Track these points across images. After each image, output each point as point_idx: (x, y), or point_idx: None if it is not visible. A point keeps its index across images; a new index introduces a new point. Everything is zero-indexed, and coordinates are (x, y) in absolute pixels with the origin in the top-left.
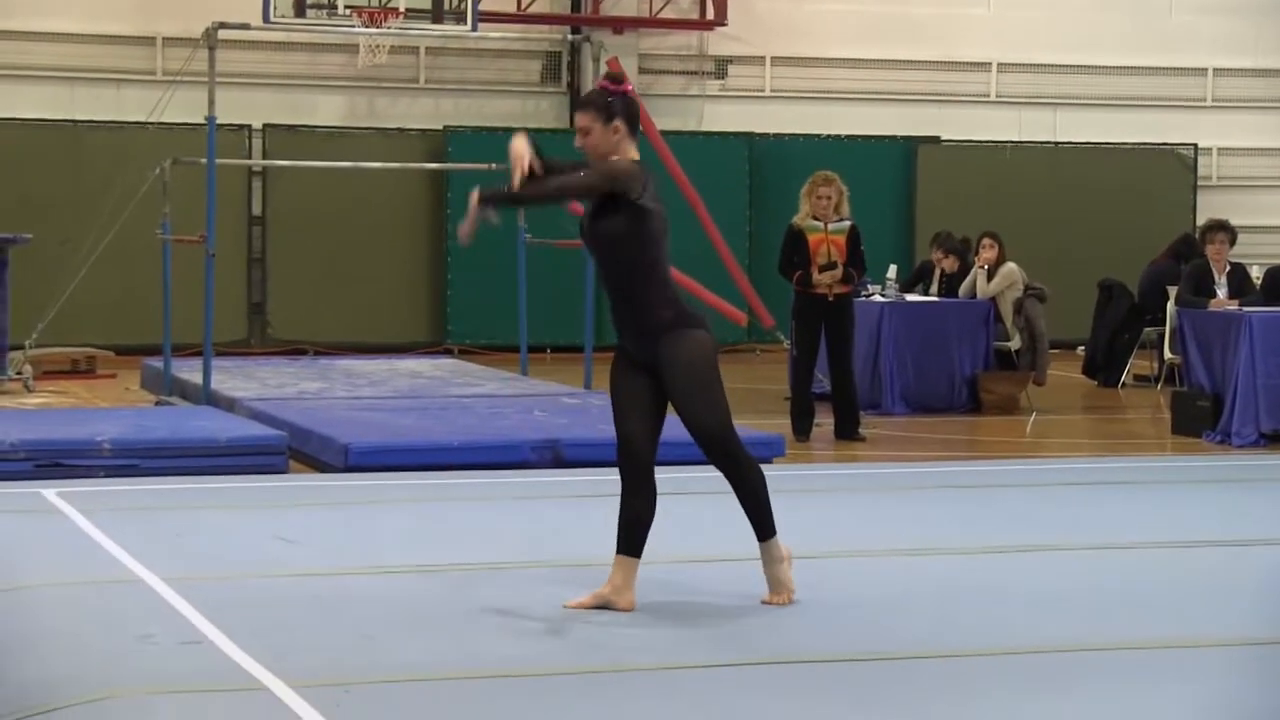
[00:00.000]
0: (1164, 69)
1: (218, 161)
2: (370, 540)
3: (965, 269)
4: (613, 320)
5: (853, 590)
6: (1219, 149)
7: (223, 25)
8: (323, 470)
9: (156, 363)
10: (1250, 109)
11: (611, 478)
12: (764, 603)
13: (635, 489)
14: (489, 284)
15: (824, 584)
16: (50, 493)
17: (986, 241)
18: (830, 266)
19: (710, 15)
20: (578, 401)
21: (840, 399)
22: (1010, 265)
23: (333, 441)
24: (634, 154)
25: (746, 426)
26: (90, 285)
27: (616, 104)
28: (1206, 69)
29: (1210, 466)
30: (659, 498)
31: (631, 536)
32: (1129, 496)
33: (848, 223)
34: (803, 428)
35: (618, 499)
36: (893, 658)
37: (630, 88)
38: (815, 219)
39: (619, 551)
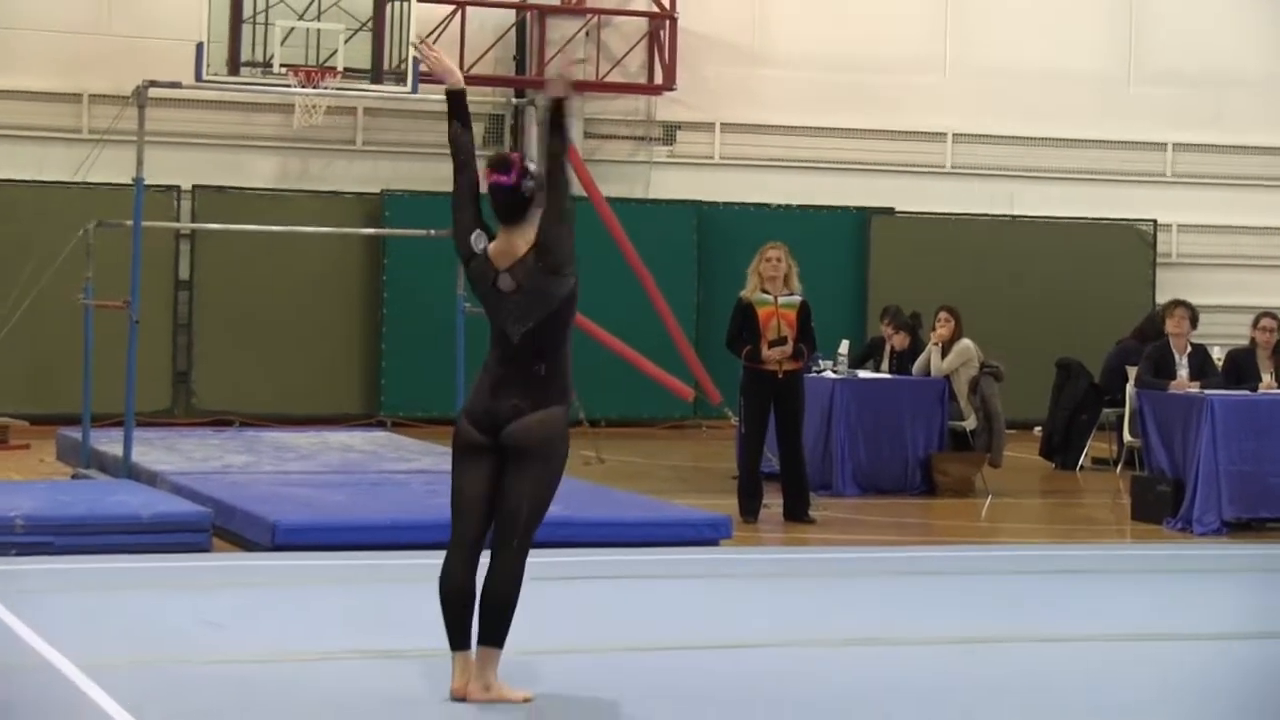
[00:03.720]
0: (1123, 142)
1: (144, 224)
2: (299, 624)
3: (916, 345)
4: (488, 384)
5: (797, 686)
6: (1179, 225)
7: (153, 84)
8: (249, 549)
9: (74, 433)
10: (1211, 185)
11: (556, 559)
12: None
13: (460, 610)
14: (425, 354)
15: (767, 677)
16: None
17: (942, 316)
18: (780, 342)
19: (658, 80)
20: None
21: (790, 479)
22: (966, 342)
23: (259, 519)
24: None
25: (691, 506)
26: (5, 351)
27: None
28: (1166, 143)
29: (1170, 555)
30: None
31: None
32: (1085, 586)
33: (798, 298)
34: (750, 508)
35: (563, 581)
36: None
37: (511, 177)
38: (765, 291)
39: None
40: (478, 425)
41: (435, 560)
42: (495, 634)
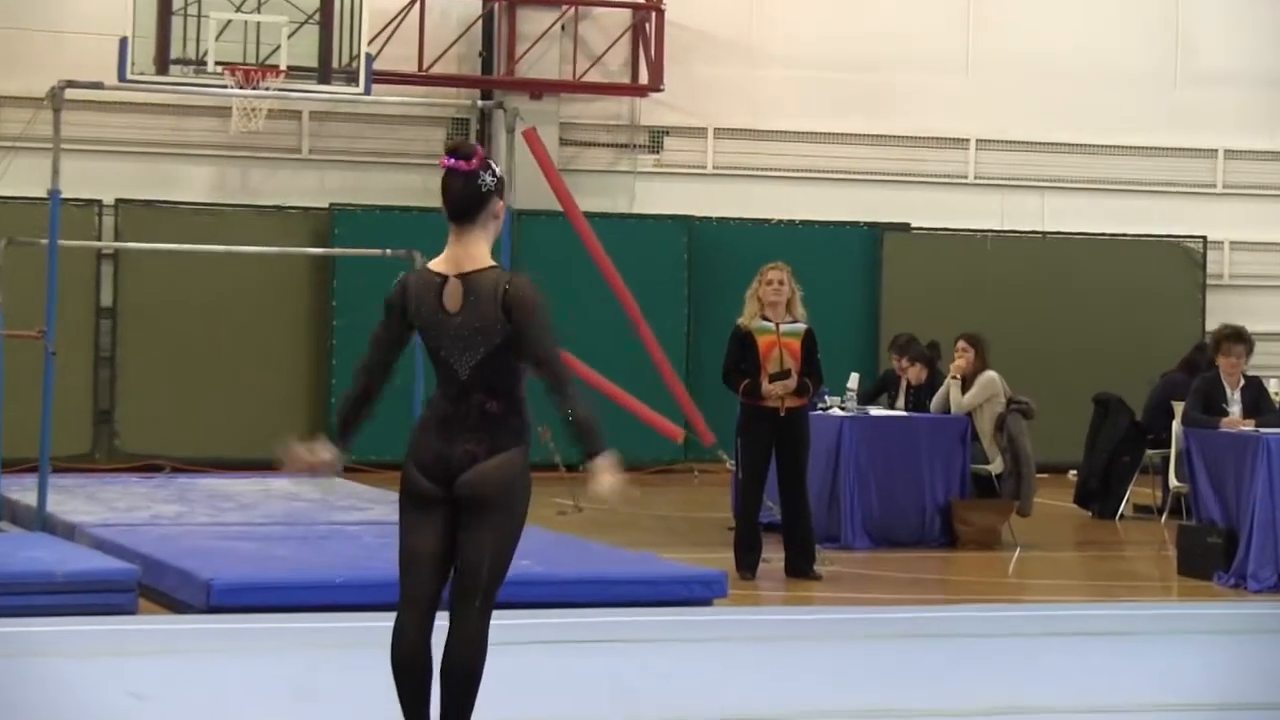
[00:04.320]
0: (1168, 150)
1: (61, 242)
2: (237, 697)
3: (935, 379)
4: (435, 426)
5: None
6: (1231, 242)
7: (70, 84)
8: (180, 611)
9: None
10: (1267, 197)
11: (528, 622)
12: None
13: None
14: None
15: None
16: None
17: (961, 345)
18: (783, 375)
19: (644, 79)
20: None
21: (792, 530)
22: (990, 374)
23: (193, 576)
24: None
25: (682, 561)
26: None
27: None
28: (1217, 150)
29: (1222, 615)
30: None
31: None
32: (1126, 649)
33: (803, 325)
34: (748, 563)
35: (536, 647)
36: None
37: (471, 164)
38: (765, 319)
39: None
40: (427, 473)
41: (390, 624)
42: (459, 710)
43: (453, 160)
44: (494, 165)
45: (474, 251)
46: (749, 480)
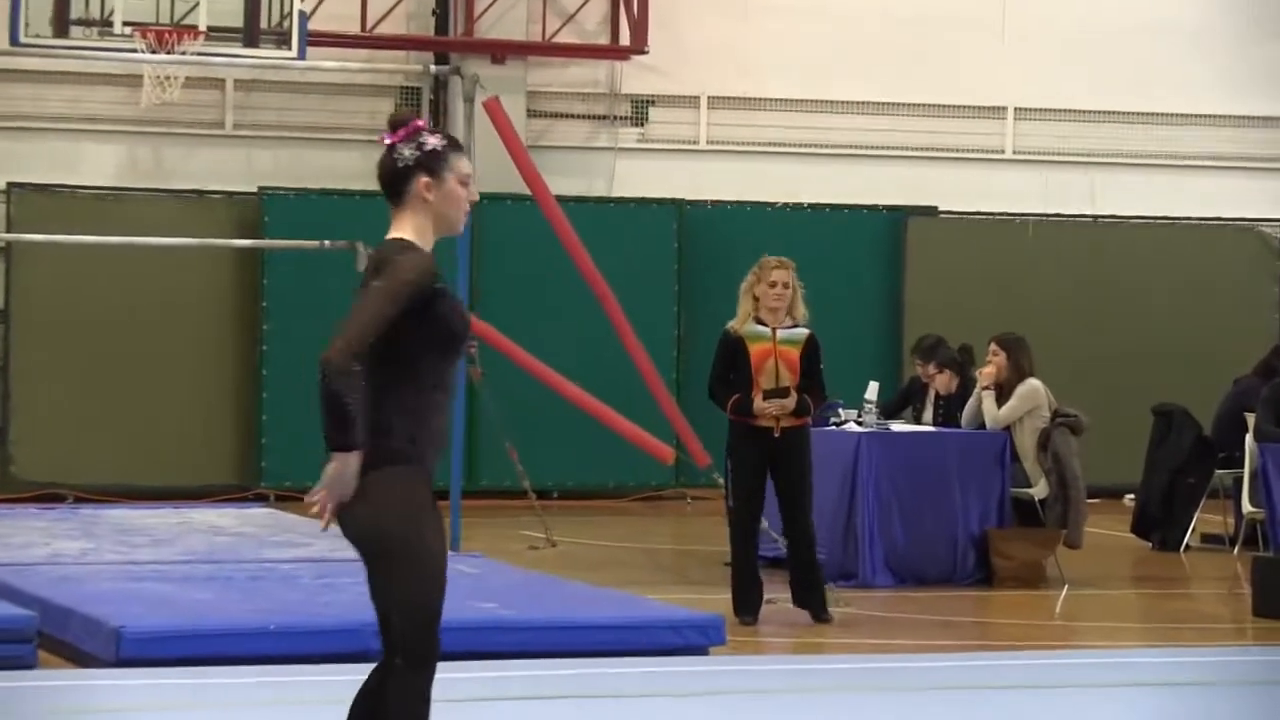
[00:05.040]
0: (1240, 118)
1: None
2: None
3: (967, 388)
4: (434, 437)
5: None
6: None
7: None
8: (86, 664)
9: None
10: None
11: (496, 675)
12: None
13: None
14: (317, 409)
15: None
16: None
17: (993, 349)
18: (780, 393)
19: (625, 40)
20: None
21: (798, 566)
22: (1032, 383)
23: (100, 624)
24: None
25: (673, 603)
26: None
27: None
28: None
29: None
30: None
31: None
32: (1195, 701)
33: (804, 331)
34: (748, 605)
35: (507, 704)
36: None
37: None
38: (760, 323)
39: None
40: None
41: (333, 678)
42: None
43: (383, 133)
44: (428, 139)
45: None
46: (741, 509)
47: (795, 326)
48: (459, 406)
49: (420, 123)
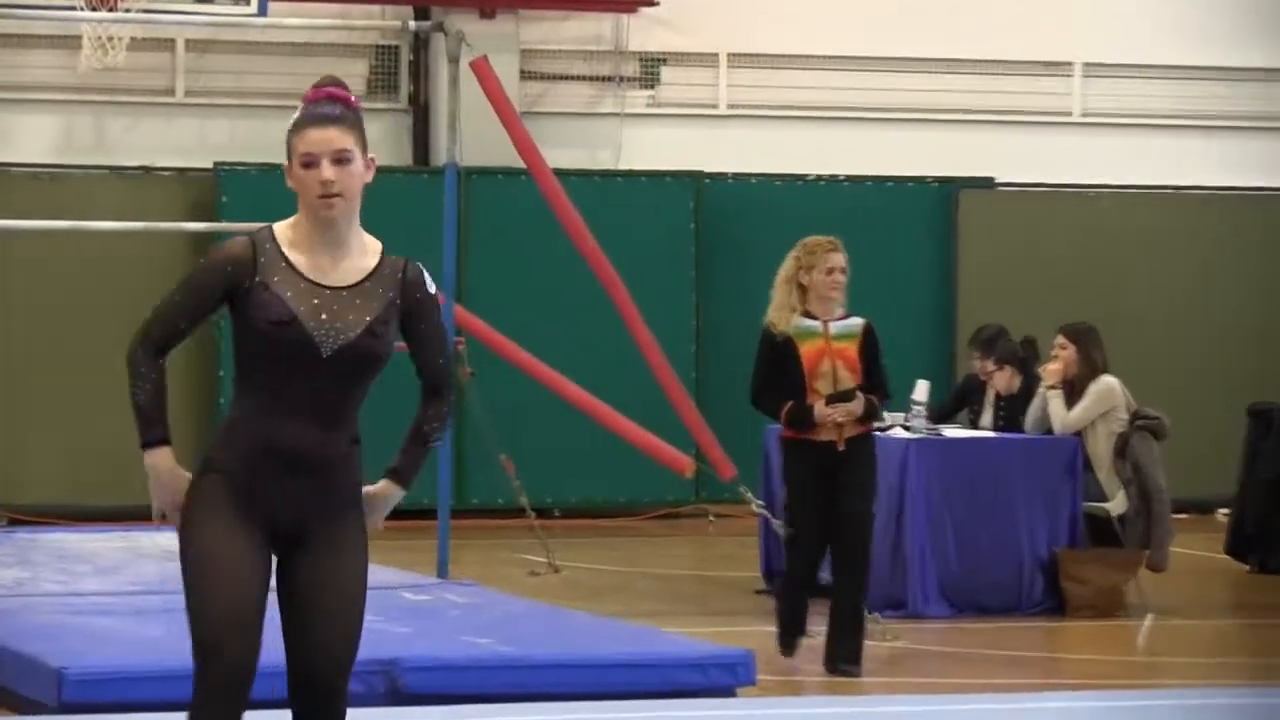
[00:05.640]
0: None
1: None
2: None
3: (1031, 386)
4: (257, 446)
5: None
6: None
7: None
8: (24, 711)
9: None
10: None
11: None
12: None
13: None
14: None
15: None
16: None
17: (1060, 341)
18: (844, 396)
19: None
20: (427, 598)
21: (843, 608)
22: (1107, 380)
23: (39, 664)
24: None
25: (695, 636)
26: None
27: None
28: None
29: None
30: None
31: None
32: None
33: (859, 321)
34: (790, 637)
35: None
36: None
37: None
38: (810, 316)
39: None
40: None
41: None
42: None
43: None
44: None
45: None
46: (806, 539)
47: (847, 318)
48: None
49: (310, 92)
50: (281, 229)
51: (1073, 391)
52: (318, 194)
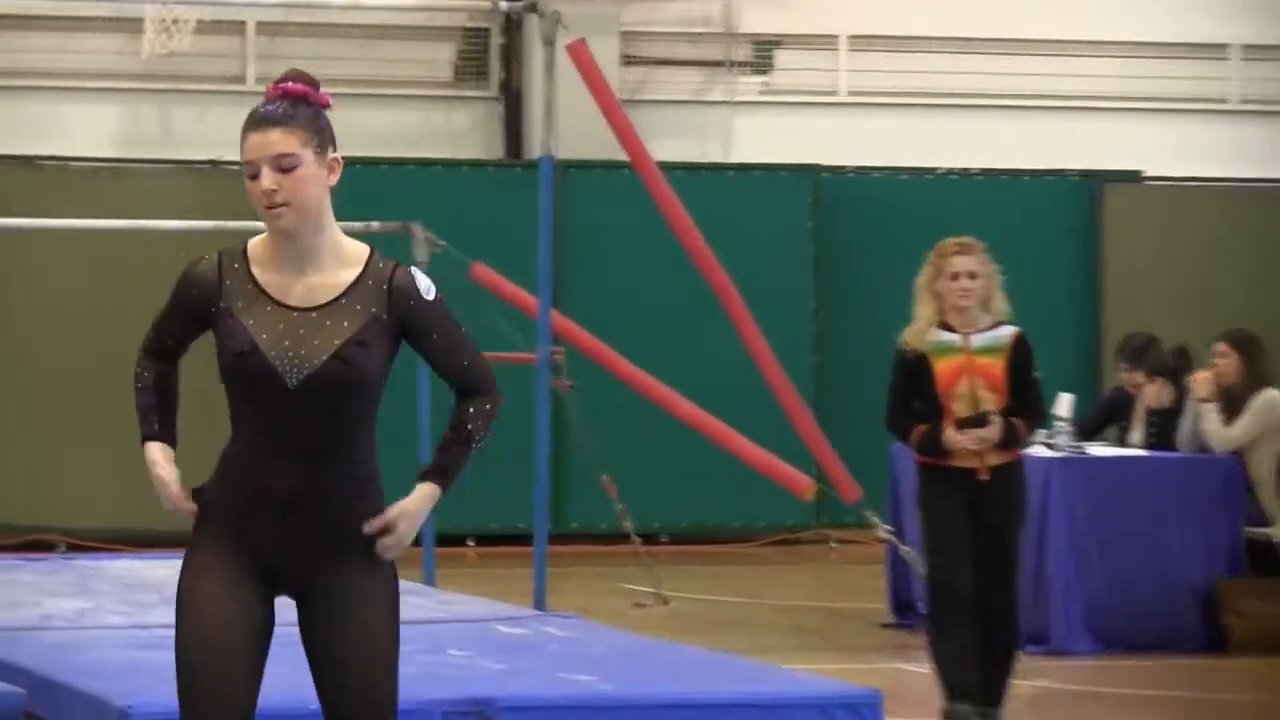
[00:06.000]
0: None
1: None
2: None
3: (1185, 400)
4: (241, 478)
5: None
6: None
7: None
8: None
9: None
10: None
11: None
12: None
13: None
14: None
15: None
16: None
17: (1221, 349)
18: (976, 421)
19: None
20: (523, 632)
21: (990, 652)
22: (1272, 395)
23: (102, 703)
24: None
25: (818, 673)
26: None
27: (326, 121)
28: None
29: None
30: None
31: None
32: None
33: (1008, 331)
34: (960, 684)
35: None
36: None
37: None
38: (947, 328)
39: None
40: None
41: None
42: None
43: None
44: (298, 108)
45: None
46: (945, 574)
47: (995, 327)
48: (541, 430)
49: (270, 88)
50: (254, 245)
51: (1230, 405)
52: (263, 205)
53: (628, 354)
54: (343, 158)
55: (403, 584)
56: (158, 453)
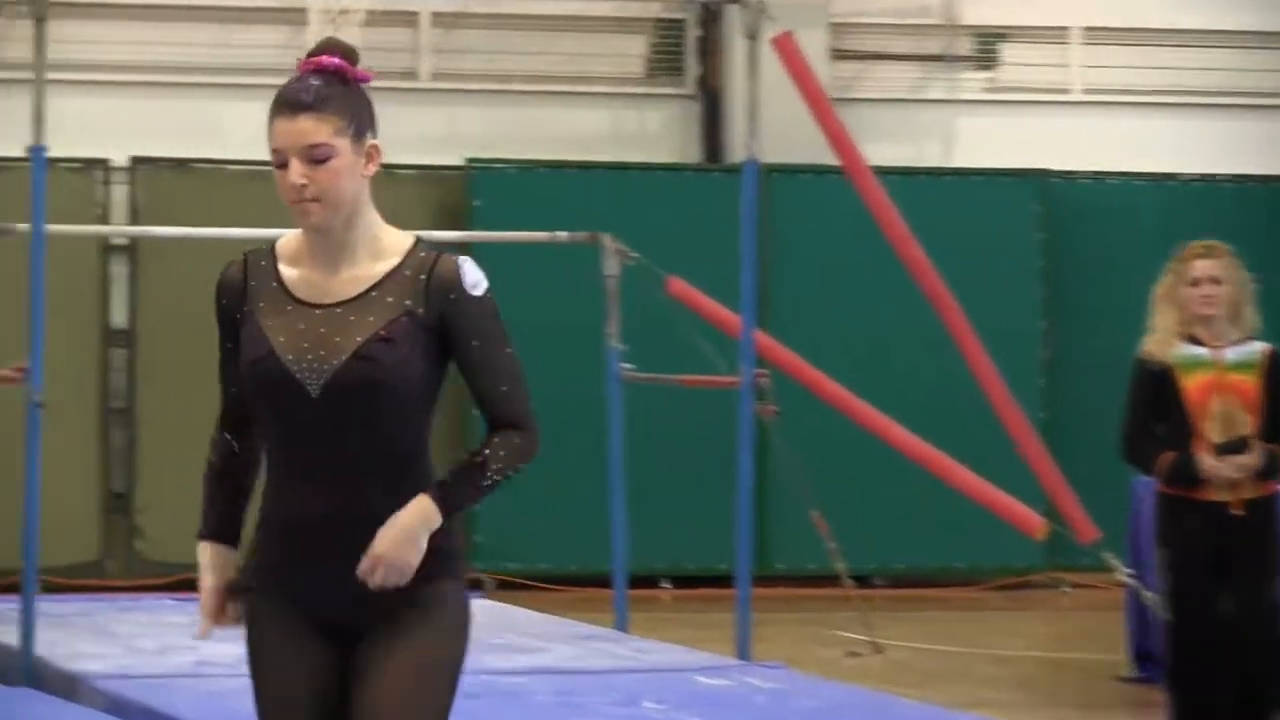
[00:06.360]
0: None
1: (51, 227)
2: None
3: None
4: (280, 517)
5: None
6: None
7: None
8: None
9: None
10: None
11: None
12: None
13: None
14: (545, 465)
15: None
16: None
17: None
18: (1235, 447)
19: None
20: (725, 683)
21: (1251, 698)
22: None
23: None
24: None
25: None
26: None
27: (365, 101)
28: None
29: None
30: None
31: None
32: None
33: (1259, 346)
34: None
35: None
36: None
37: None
38: (1195, 341)
39: None
40: None
41: None
42: None
43: None
44: (327, 83)
45: None
46: (1187, 621)
47: (1246, 342)
48: (744, 460)
49: (301, 62)
50: (285, 241)
51: None
52: (291, 199)
53: (838, 377)
54: (524, 160)
55: (593, 629)
56: (204, 556)
